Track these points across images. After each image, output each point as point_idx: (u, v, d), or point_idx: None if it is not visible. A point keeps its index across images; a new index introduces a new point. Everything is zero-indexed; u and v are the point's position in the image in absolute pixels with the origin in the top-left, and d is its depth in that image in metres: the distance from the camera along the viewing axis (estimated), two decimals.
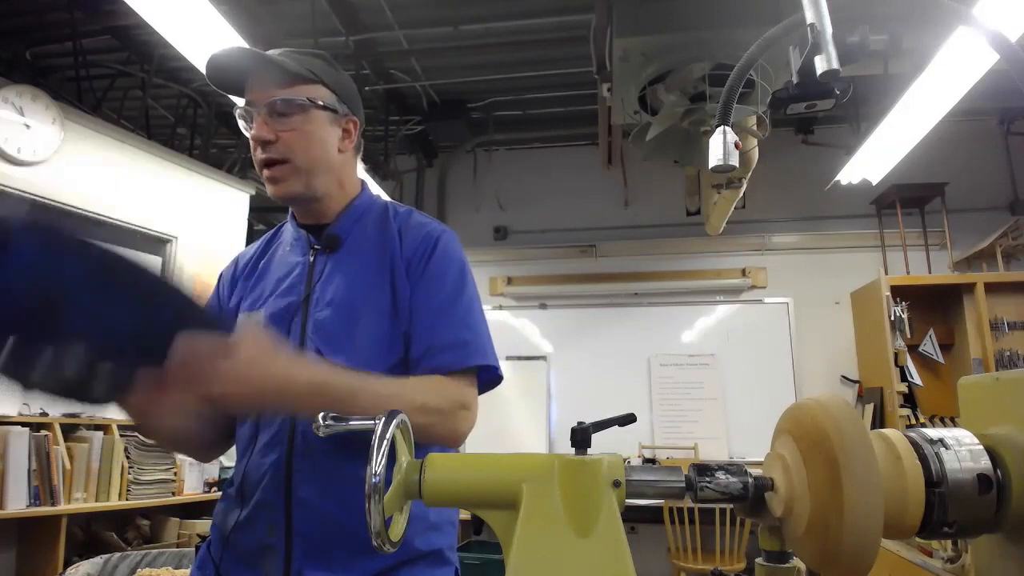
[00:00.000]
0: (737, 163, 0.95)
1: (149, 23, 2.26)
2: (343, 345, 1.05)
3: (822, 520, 0.58)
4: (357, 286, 1.09)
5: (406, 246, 1.12)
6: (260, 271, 1.18)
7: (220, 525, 1.07)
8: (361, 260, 1.12)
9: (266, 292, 1.12)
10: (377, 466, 0.63)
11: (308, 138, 1.08)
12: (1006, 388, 0.67)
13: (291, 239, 1.18)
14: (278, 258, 1.17)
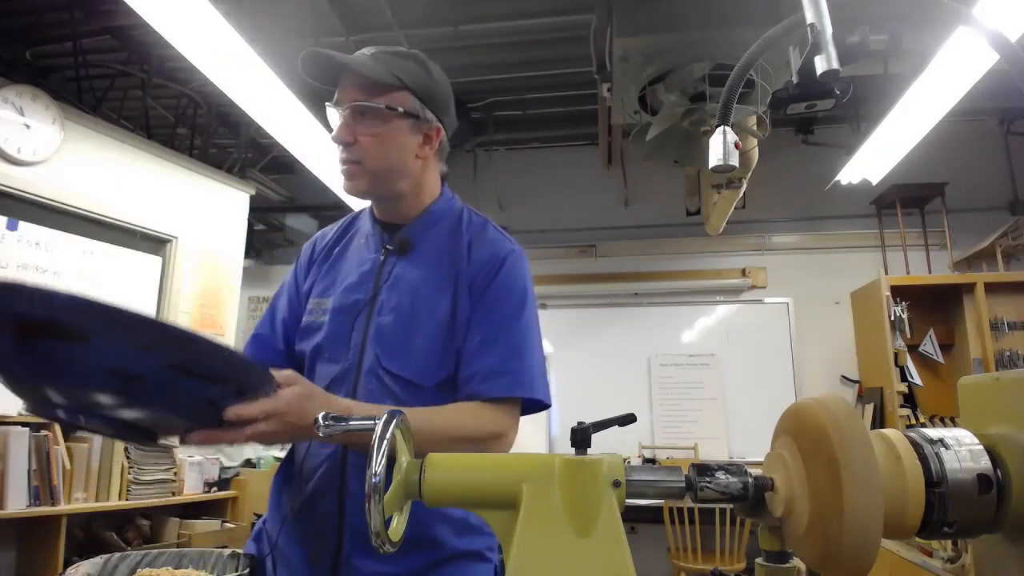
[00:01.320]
0: (737, 163, 0.95)
1: (149, 23, 2.26)
2: (401, 353, 1.07)
3: (822, 520, 0.58)
4: (421, 295, 1.10)
5: (474, 261, 1.12)
6: (335, 257, 1.21)
7: (278, 504, 1.13)
8: (428, 268, 1.13)
9: (337, 282, 1.16)
10: (377, 466, 0.63)
11: (385, 144, 1.09)
12: (1006, 388, 0.67)
13: (367, 232, 1.20)
14: (352, 248, 1.20)
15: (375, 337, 1.08)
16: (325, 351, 1.11)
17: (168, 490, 3.11)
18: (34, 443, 2.64)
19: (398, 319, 1.09)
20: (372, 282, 1.12)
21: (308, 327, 1.15)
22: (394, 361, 1.07)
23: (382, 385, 1.06)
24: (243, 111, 2.94)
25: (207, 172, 3.88)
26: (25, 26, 3.51)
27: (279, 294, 1.26)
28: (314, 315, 1.15)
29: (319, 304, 1.15)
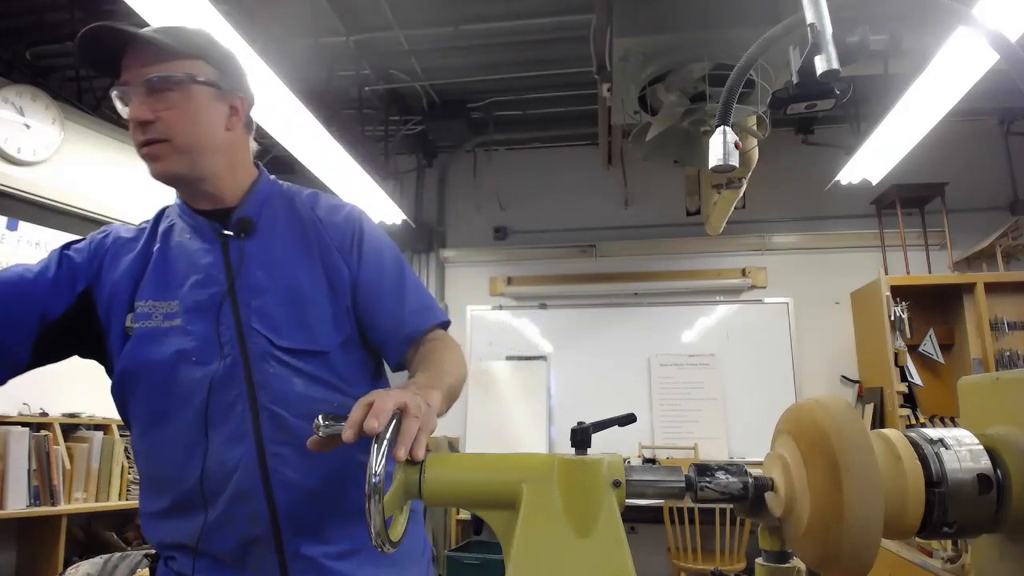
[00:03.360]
0: (737, 163, 0.95)
1: (149, 23, 2.26)
2: (294, 329, 1.03)
3: (822, 520, 0.58)
4: (290, 270, 1.07)
5: (329, 229, 1.12)
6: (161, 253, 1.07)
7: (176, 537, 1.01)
8: (283, 244, 1.09)
9: (174, 282, 1.04)
10: (377, 466, 0.63)
11: (190, 117, 1.01)
12: (1006, 388, 0.67)
13: (186, 226, 1.09)
14: (175, 246, 1.07)
15: (257, 321, 1.02)
16: (191, 355, 1.00)
17: None
18: (34, 443, 2.64)
19: (275, 298, 1.04)
20: (223, 271, 1.04)
21: (149, 333, 1.01)
22: (289, 337, 1.03)
23: (284, 365, 1.02)
24: None
25: None
26: (25, 26, 3.51)
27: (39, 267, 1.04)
28: (153, 320, 1.01)
29: (156, 307, 1.02)
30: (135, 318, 1.02)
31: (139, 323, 1.02)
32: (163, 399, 1.00)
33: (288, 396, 1.01)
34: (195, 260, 1.05)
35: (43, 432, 2.70)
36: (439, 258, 5.32)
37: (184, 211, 1.10)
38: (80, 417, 2.95)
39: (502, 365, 4.94)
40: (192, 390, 0.99)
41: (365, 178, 3.74)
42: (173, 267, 1.05)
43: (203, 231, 1.07)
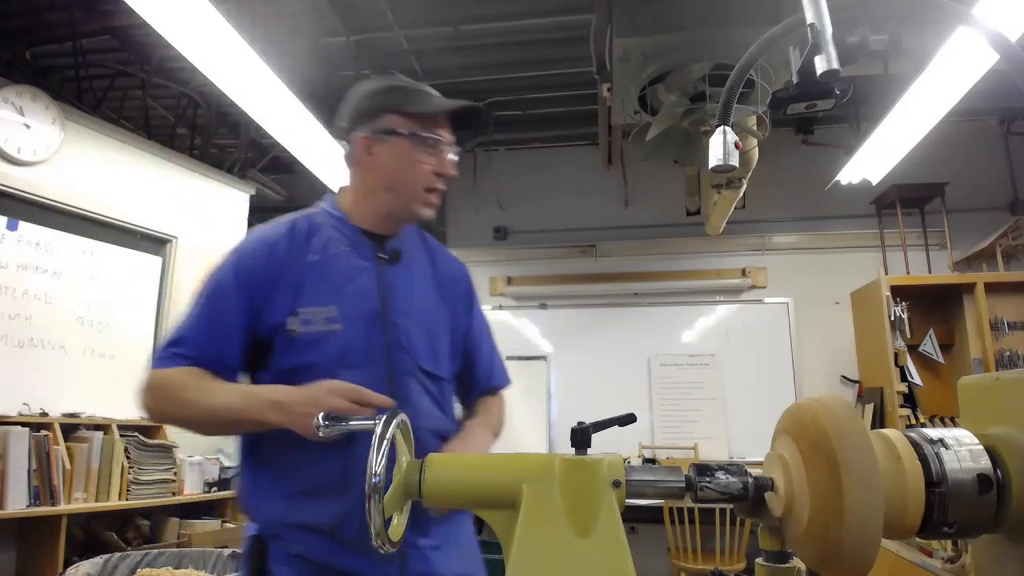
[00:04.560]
0: (737, 163, 0.95)
1: (149, 23, 2.26)
2: (428, 354, 1.21)
3: (822, 520, 0.58)
4: (424, 302, 1.24)
5: (452, 277, 1.32)
6: (310, 269, 1.17)
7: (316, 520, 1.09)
8: (420, 278, 1.27)
9: (332, 290, 1.16)
10: (377, 466, 0.63)
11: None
12: (1006, 388, 0.67)
13: (345, 239, 1.22)
14: (334, 257, 1.19)
15: (404, 340, 1.17)
16: (347, 358, 1.12)
17: (168, 490, 3.11)
18: (34, 443, 2.64)
19: (415, 323, 1.20)
20: (376, 290, 1.18)
21: (313, 337, 1.12)
22: (425, 360, 1.20)
23: (418, 382, 1.18)
24: (243, 111, 2.94)
25: (207, 172, 3.87)
26: (25, 26, 3.51)
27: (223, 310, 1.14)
28: (315, 325, 1.13)
29: (319, 313, 1.13)
30: (299, 322, 1.13)
31: (303, 327, 1.13)
32: None
33: (420, 410, 1.15)
34: (354, 274, 1.19)
35: (43, 432, 2.70)
36: None
37: (348, 228, 1.24)
38: (80, 417, 2.95)
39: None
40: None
41: None
42: (332, 276, 1.17)
43: (363, 250, 1.22)
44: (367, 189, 1.23)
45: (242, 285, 1.15)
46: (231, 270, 1.17)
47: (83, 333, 3.14)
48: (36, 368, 2.92)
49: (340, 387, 1.02)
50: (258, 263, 1.17)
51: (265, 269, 1.16)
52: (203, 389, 1.08)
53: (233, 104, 2.90)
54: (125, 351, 3.32)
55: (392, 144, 1.19)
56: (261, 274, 1.16)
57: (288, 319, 1.13)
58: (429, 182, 1.20)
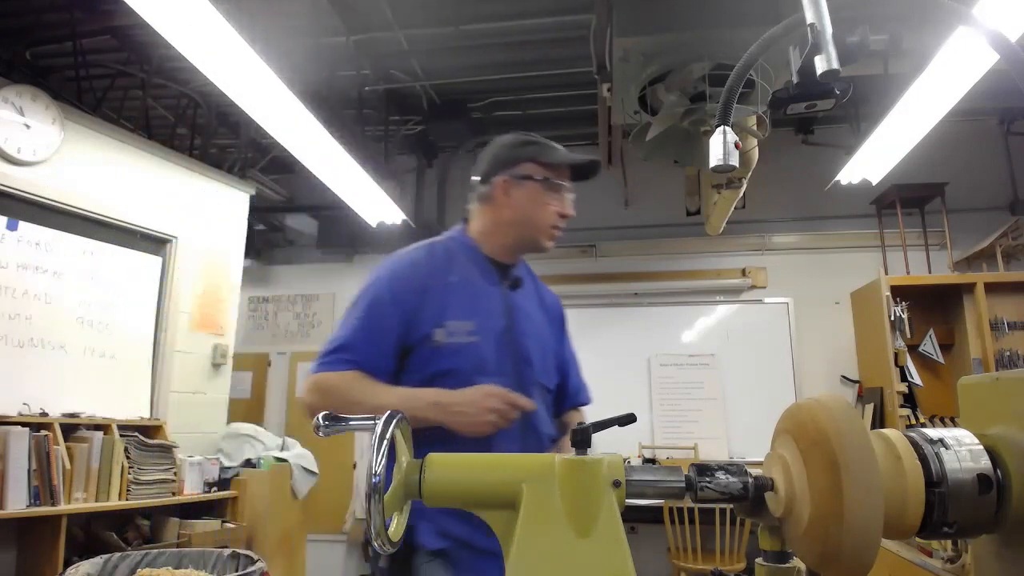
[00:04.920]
0: (737, 163, 0.95)
1: (149, 23, 2.26)
2: (544, 370, 1.43)
3: (822, 520, 0.58)
4: (537, 326, 1.45)
5: (553, 303, 1.56)
6: (452, 288, 1.36)
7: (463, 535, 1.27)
8: (533, 303, 1.48)
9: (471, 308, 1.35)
10: (377, 466, 0.63)
11: None
12: (1006, 388, 0.67)
13: (477, 266, 1.43)
14: (469, 279, 1.40)
15: (529, 357, 1.38)
16: (483, 367, 1.31)
17: (168, 490, 3.11)
18: (34, 443, 2.64)
19: (537, 343, 1.42)
20: (503, 311, 1.39)
21: (457, 347, 1.31)
22: (545, 376, 1.43)
23: (539, 394, 1.38)
24: (243, 111, 2.94)
25: (207, 172, 3.87)
26: (25, 26, 3.51)
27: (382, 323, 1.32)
28: (459, 336, 1.32)
29: (461, 326, 1.32)
30: (445, 333, 1.31)
31: (448, 338, 1.31)
32: None
33: (540, 416, 1.35)
34: (487, 296, 1.40)
35: (43, 432, 2.69)
36: None
37: (479, 256, 1.45)
38: (80, 417, 2.94)
39: None
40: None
41: (365, 178, 3.74)
42: (469, 296, 1.37)
43: (491, 277, 1.43)
44: (500, 224, 1.44)
45: (397, 299, 1.33)
46: (386, 286, 1.35)
47: (83, 333, 3.14)
48: (36, 368, 2.92)
49: (495, 390, 1.20)
50: (409, 281, 1.36)
51: (416, 286, 1.34)
52: (367, 391, 1.26)
53: (233, 104, 2.90)
54: (125, 351, 3.32)
55: (527, 187, 1.41)
56: (412, 290, 1.34)
57: (435, 330, 1.31)
58: (554, 220, 1.43)
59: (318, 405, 1.24)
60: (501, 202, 1.43)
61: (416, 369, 1.32)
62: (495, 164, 1.45)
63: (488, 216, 1.46)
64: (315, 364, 1.30)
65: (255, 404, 5.36)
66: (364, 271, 6.02)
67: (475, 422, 1.19)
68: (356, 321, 1.32)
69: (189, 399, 3.61)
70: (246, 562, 1.23)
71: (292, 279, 5.61)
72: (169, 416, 3.43)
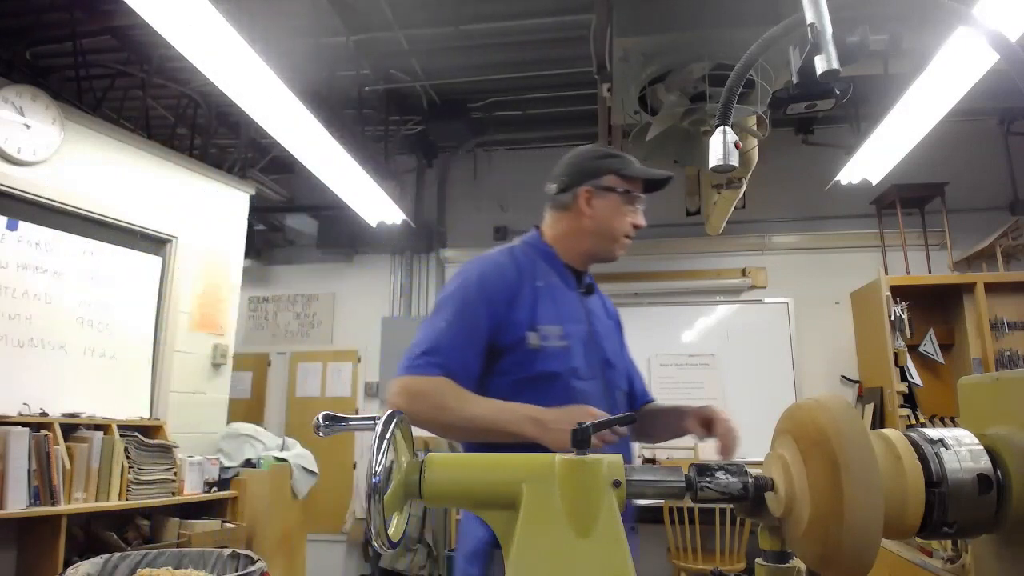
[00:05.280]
0: (737, 163, 0.95)
1: (149, 23, 2.26)
2: (623, 376, 1.49)
3: (822, 520, 0.58)
4: (608, 328, 1.50)
5: (612, 308, 1.61)
6: (539, 292, 1.38)
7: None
8: (602, 308, 1.54)
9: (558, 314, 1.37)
10: (377, 466, 0.63)
11: None
12: (1006, 388, 0.67)
13: (556, 272, 1.45)
14: (552, 286, 1.41)
15: (611, 360, 1.43)
16: (579, 371, 1.33)
17: (168, 490, 3.11)
18: (34, 443, 2.64)
19: (613, 347, 1.46)
20: (583, 316, 1.43)
21: (552, 351, 1.32)
22: (623, 379, 1.48)
23: (623, 397, 1.46)
24: (243, 111, 2.94)
25: (207, 172, 3.87)
26: (25, 26, 3.51)
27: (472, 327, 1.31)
28: (551, 340, 1.33)
29: (552, 330, 1.33)
30: (538, 337, 1.32)
31: (542, 342, 1.32)
32: (559, 401, 1.25)
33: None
34: (569, 301, 1.43)
35: (43, 432, 2.69)
36: (439, 258, 5.32)
37: (557, 263, 1.48)
38: (80, 417, 2.94)
39: None
40: (583, 398, 1.29)
41: (365, 178, 3.73)
42: (555, 302, 1.39)
43: (569, 283, 1.47)
44: (579, 232, 1.47)
45: (488, 302, 1.33)
46: (476, 289, 1.34)
47: (83, 333, 3.14)
48: (36, 368, 2.92)
49: (594, 410, 1.19)
50: (499, 283, 1.36)
51: (506, 289, 1.35)
52: (460, 398, 1.24)
53: (233, 104, 2.90)
54: (125, 351, 3.32)
55: (608, 199, 1.46)
56: (502, 294, 1.34)
57: (528, 334, 1.31)
58: (628, 231, 1.48)
59: (407, 409, 1.21)
60: (582, 211, 1.46)
61: (509, 372, 1.31)
62: (578, 174, 1.48)
63: (566, 224, 1.49)
64: (402, 367, 1.28)
65: (255, 404, 5.36)
66: (364, 271, 6.02)
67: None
68: (445, 324, 1.31)
69: (189, 399, 3.61)
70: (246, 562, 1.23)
71: (292, 279, 5.61)
72: (169, 416, 3.43)
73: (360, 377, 5.28)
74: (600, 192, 1.46)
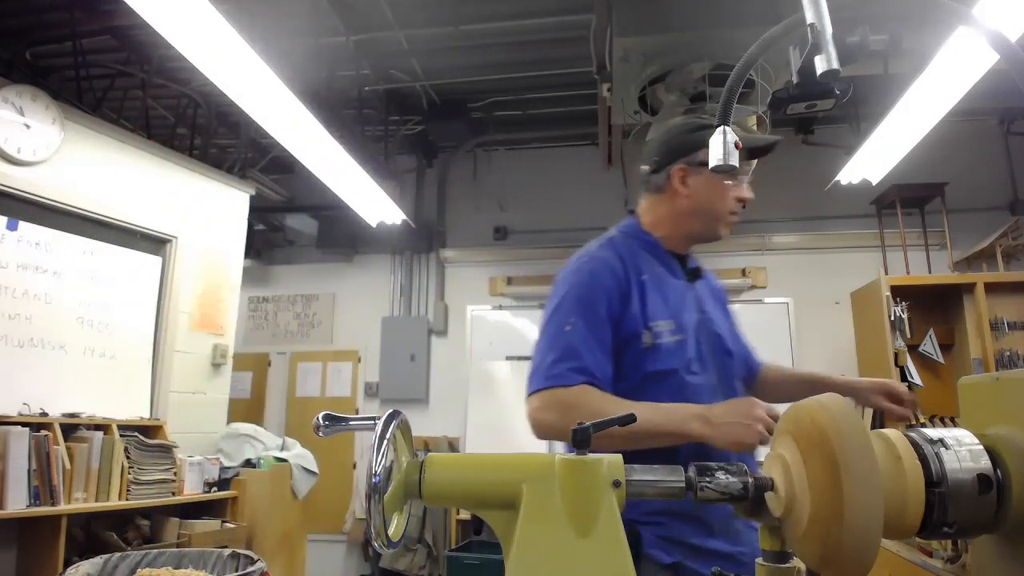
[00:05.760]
0: (737, 163, 0.95)
1: (149, 23, 2.26)
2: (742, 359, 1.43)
3: (822, 520, 0.58)
4: (719, 313, 1.43)
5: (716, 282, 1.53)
6: (651, 282, 1.32)
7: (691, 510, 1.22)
8: (708, 292, 1.44)
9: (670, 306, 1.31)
10: (377, 466, 0.63)
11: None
12: (1006, 388, 0.67)
13: (659, 261, 1.37)
14: (658, 275, 1.34)
15: (728, 348, 1.36)
16: (692, 365, 1.28)
17: (168, 490, 3.11)
18: (34, 443, 2.64)
19: (727, 331, 1.39)
20: (694, 304, 1.35)
21: (667, 347, 1.27)
22: (740, 370, 1.41)
23: (741, 384, 1.39)
24: (243, 111, 2.94)
25: (207, 172, 3.87)
26: (25, 26, 3.51)
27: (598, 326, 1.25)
28: (664, 337, 1.28)
29: (665, 326, 1.28)
30: (652, 334, 1.27)
31: (656, 339, 1.27)
32: (675, 398, 1.21)
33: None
34: (677, 291, 1.34)
35: (43, 432, 2.69)
36: (439, 258, 5.32)
37: (659, 250, 1.39)
38: (80, 417, 2.94)
39: (502, 365, 4.94)
40: (694, 393, 1.24)
41: (365, 178, 3.74)
42: (664, 295, 1.32)
43: (674, 270, 1.39)
44: (677, 213, 1.37)
45: (604, 302, 1.27)
46: (589, 288, 1.29)
47: (83, 333, 3.14)
48: (36, 368, 2.92)
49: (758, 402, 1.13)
50: (609, 280, 1.29)
51: (617, 287, 1.29)
52: (614, 404, 1.17)
53: (233, 104, 2.90)
54: (125, 351, 3.32)
55: (704, 174, 1.33)
56: (615, 291, 1.28)
57: (642, 332, 1.26)
58: (733, 207, 1.38)
59: (556, 424, 1.17)
60: (678, 191, 1.36)
61: (628, 371, 1.25)
62: (669, 152, 1.37)
63: (663, 207, 1.39)
64: (539, 379, 1.21)
65: (255, 404, 5.36)
66: (364, 271, 6.02)
67: (744, 435, 1.09)
68: (570, 328, 1.23)
69: (189, 399, 3.61)
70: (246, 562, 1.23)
71: (292, 279, 5.61)
72: (169, 416, 3.43)
73: (360, 377, 5.28)
74: (695, 169, 1.34)
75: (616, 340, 1.25)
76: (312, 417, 0.83)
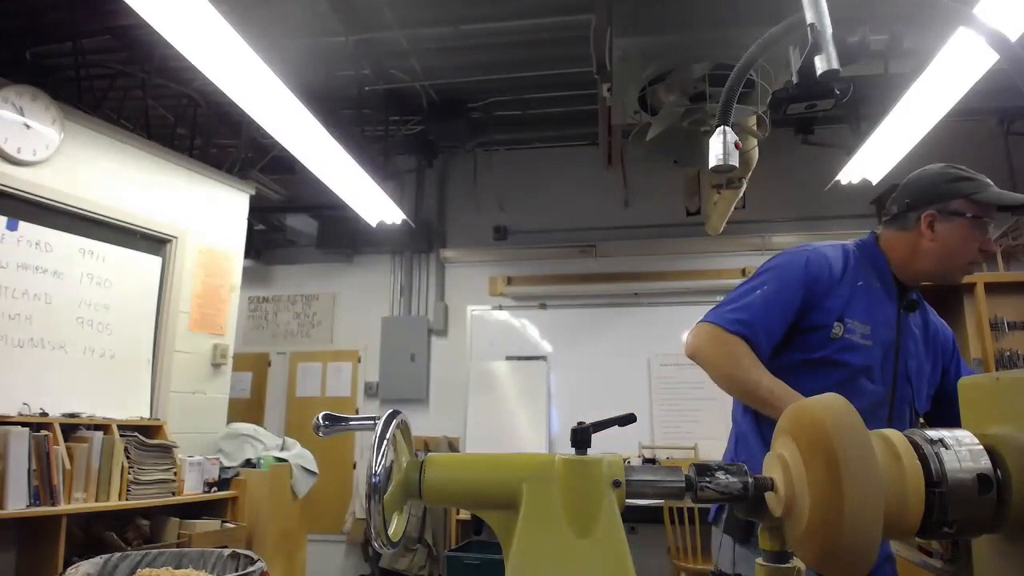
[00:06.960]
0: (737, 163, 0.95)
1: (149, 23, 2.26)
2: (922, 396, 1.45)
3: (822, 520, 0.57)
4: (923, 354, 1.47)
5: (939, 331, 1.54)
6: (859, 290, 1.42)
7: None
8: (922, 329, 1.50)
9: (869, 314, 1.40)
10: (377, 466, 0.63)
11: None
12: (1006, 388, 0.67)
13: (879, 279, 1.46)
14: (868, 289, 1.44)
15: (911, 376, 1.42)
16: (871, 372, 1.37)
17: (168, 490, 3.11)
18: (34, 443, 2.64)
19: (920, 368, 1.45)
20: (895, 328, 1.43)
21: (853, 344, 1.37)
22: (920, 401, 1.44)
23: (909, 412, 1.42)
24: (243, 111, 2.94)
25: (207, 172, 3.87)
26: (25, 26, 3.51)
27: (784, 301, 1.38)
28: (855, 335, 1.38)
29: (859, 327, 1.38)
30: (844, 328, 1.38)
31: (846, 334, 1.38)
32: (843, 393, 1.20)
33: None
34: (884, 308, 1.44)
35: (43, 432, 2.69)
36: (439, 258, 5.32)
37: (887, 272, 1.48)
38: (80, 417, 2.94)
39: (502, 365, 4.94)
40: (864, 396, 1.35)
41: (365, 178, 3.73)
42: (870, 302, 1.42)
43: (891, 292, 1.47)
44: (917, 252, 1.44)
45: (805, 285, 1.39)
46: (800, 269, 1.41)
47: (83, 333, 3.14)
48: (36, 368, 2.92)
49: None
50: (823, 270, 1.42)
51: (826, 279, 1.41)
52: (754, 362, 1.32)
53: (233, 104, 2.90)
54: (125, 351, 3.32)
55: (954, 224, 1.42)
56: (822, 282, 1.40)
57: (835, 323, 1.37)
58: (974, 257, 1.44)
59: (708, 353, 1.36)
60: (923, 234, 1.44)
61: (802, 349, 1.38)
62: (923, 196, 1.45)
63: (905, 242, 1.47)
64: (712, 314, 1.38)
65: (255, 404, 5.36)
66: (364, 271, 6.01)
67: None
68: (761, 293, 1.39)
69: (189, 399, 3.61)
70: (246, 562, 1.23)
71: (292, 279, 5.61)
72: (169, 416, 3.43)
73: (360, 377, 5.29)
74: (946, 217, 1.43)
75: (806, 322, 1.38)
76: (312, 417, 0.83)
